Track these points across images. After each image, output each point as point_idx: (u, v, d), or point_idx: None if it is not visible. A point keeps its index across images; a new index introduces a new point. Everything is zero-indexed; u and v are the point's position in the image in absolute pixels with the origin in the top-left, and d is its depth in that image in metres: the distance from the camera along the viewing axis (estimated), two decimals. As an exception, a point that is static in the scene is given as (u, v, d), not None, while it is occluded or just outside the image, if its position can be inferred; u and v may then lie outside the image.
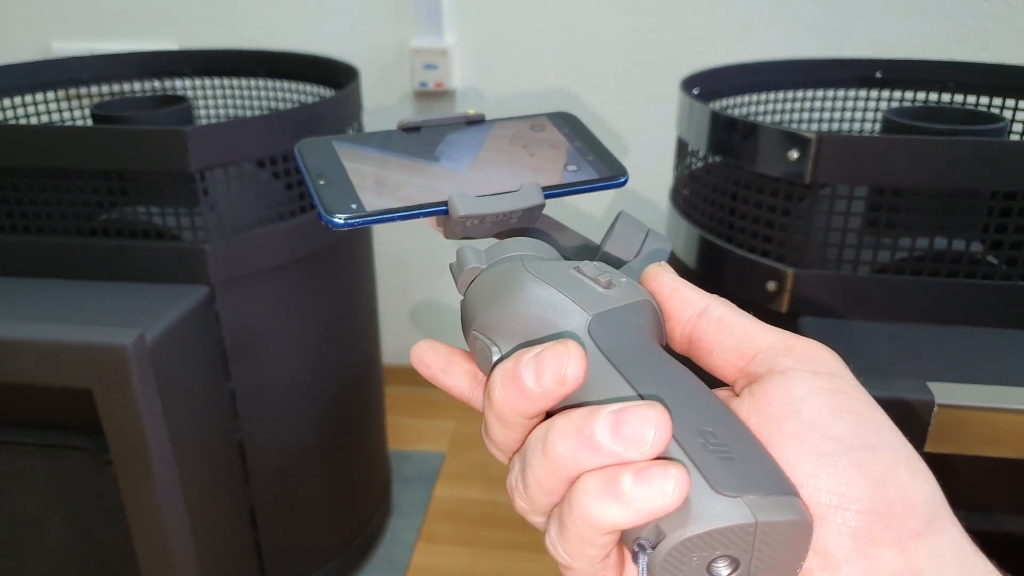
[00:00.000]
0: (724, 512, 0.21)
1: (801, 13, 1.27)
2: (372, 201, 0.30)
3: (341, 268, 1.04)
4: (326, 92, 1.15)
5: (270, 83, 1.22)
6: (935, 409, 0.57)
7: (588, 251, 0.33)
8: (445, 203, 0.30)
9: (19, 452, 0.82)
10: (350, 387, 1.12)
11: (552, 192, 0.31)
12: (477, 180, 0.31)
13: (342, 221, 0.29)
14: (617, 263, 0.31)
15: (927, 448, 0.57)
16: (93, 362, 0.71)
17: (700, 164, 0.89)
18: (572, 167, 0.33)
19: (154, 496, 0.76)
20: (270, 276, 0.92)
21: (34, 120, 1.16)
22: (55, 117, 1.19)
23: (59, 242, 0.87)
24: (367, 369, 1.16)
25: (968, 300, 0.71)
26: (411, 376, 1.63)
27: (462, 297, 0.30)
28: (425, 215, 0.30)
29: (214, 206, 0.86)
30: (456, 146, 0.33)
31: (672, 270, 0.29)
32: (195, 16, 1.41)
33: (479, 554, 1.23)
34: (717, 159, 0.84)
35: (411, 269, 1.55)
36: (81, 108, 1.20)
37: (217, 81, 1.24)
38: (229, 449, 0.93)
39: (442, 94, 1.40)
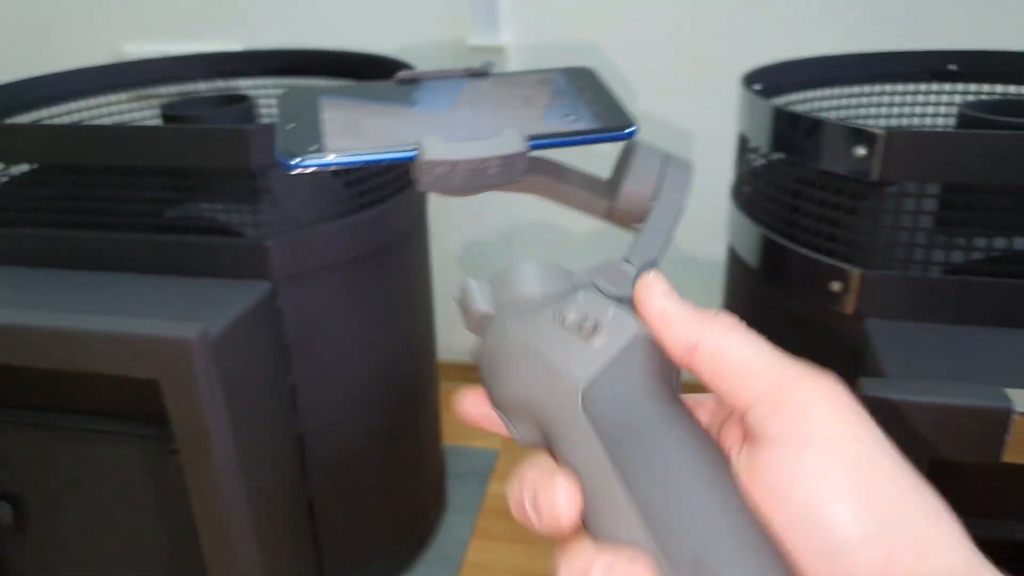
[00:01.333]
0: None
1: (871, 5, 1.23)
2: (335, 144, 0.27)
3: (399, 265, 1.05)
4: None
5: (330, 81, 1.24)
6: (1013, 417, 0.54)
7: (602, 188, 0.30)
8: (414, 147, 0.27)
9: (90, 439, 0.85)
10: (406, 382, 1.13)
11: (539, 142, 0.28)
12: (454, 125, 0.28)
13: (295, 163, 0.26)
14: (637, 202, 0.29)
15: (1005, 459, 0.55)
16: (159, 354, 0.73)
17: (762, 161, 0.87)
18: (570, 116, 0.29)
19: (217, 485, 0.78)
20: (330, 272, 0.93)
21: (106, 120, 1.21)
22: (126, 117, 1.23)
23: (127, 238, 0.90)
24: (423, 365, 1.17)
25: (1047, 303, 0.68)
26: (465, 372, 1.64)
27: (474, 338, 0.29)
28: (393, 160, 0.27)
29: (276, 203, 0.88)
30: (442, 92, 0.31)
31: (662, 286, 0.27)
32: (259, 17, 1.44)
33: (533, 553, 1.23)
34: (779, 156, 0.82)
35: (465, 267, 1.56)
36: (151, 108, 1.24)
37: (279, 80, 1.27)
38: (289, 441, 0.95)
39: (499, 91, 1.40)
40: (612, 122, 0.29)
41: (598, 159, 0.35)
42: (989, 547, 0.22)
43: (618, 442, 0.23)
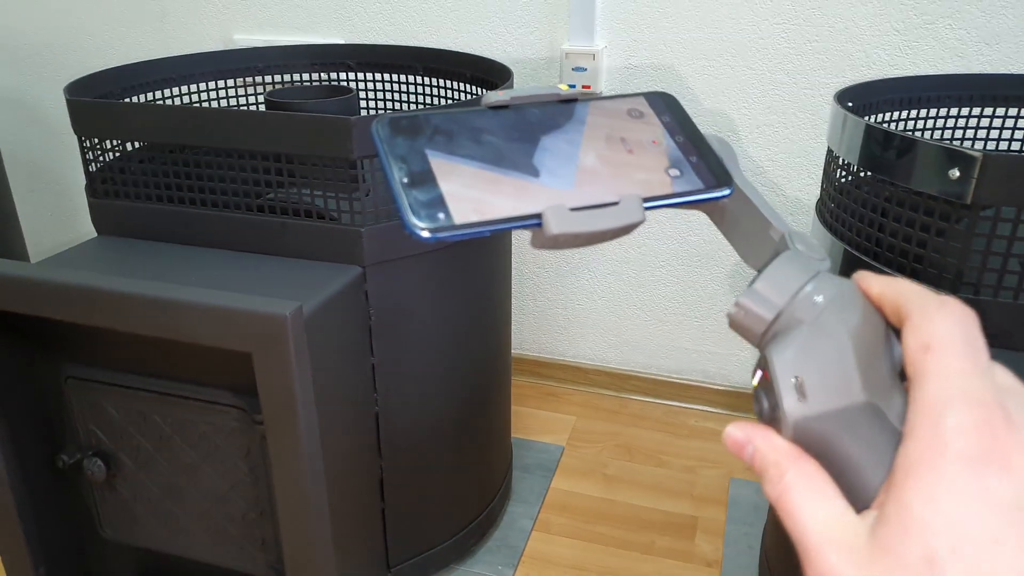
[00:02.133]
0: None
1: (976, 25, 1.20)
2: (461, 212, 0.26)
3: (481, 258, 1.08)
4: (481, 91, 1.20)
5: (427, 79, 1.28)
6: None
7: (746, 244, 0.31)
8: (538, 216, 0.27)
9: (182, 406, 0.91)
10: (481, 372, 1.16)
11: (653, 205, 0.29)
12: (571, 187, 0.29)
13: (429, 235, 0.26)
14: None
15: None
16: (255, 328, 0.78)
17: (849, 178, 0.86)
18: (674, 171, 0.30)
19: (298, 456, 0.82)
20: (417, 261, 0.97)
21: (215, 104, 1.27)
22: (233, 102, 1.30)
23: (230, 216, 0.95)
24: (497, 356, 1.20)
25: None
26: (536, 368, 1.67)
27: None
28: (516, 228, 0.27)
29: (371, 192, 0.92)
30: (551, 140, 0.30)
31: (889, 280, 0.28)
32: (362, 12, 1.49)
33: (592, 549, 1.24)
34: (868, 174, 0.81)
35: (543, 266, 1.58)
36: (255, 95, 1.30)
37: (378, 75, 1.32)
38: (366, 420, 0.99)
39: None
40: (712, 181, 0.30)
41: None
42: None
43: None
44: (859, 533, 0.24)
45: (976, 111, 1.02)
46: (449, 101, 1.26)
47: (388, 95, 1.33)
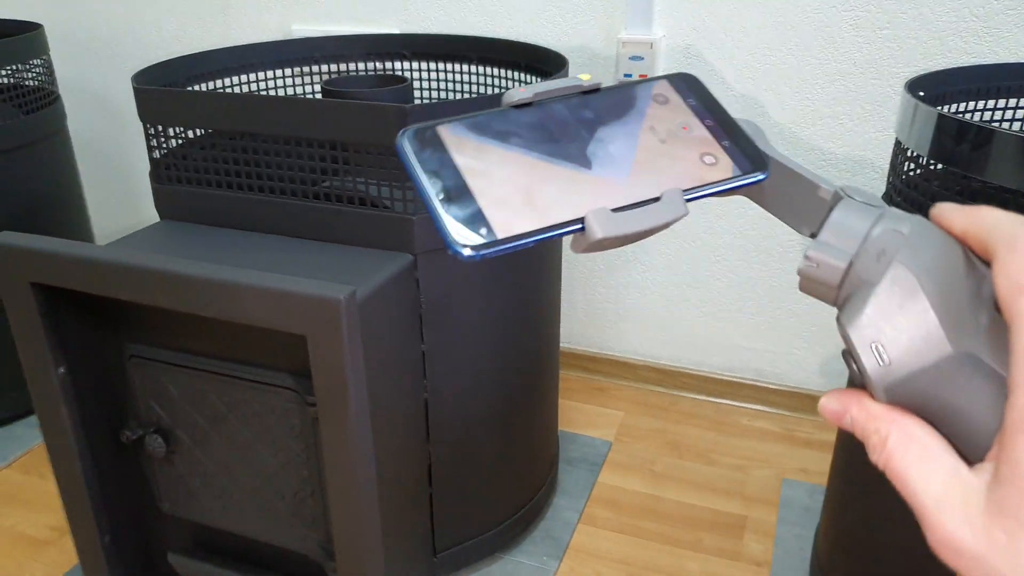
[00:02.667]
0: None
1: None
2: (502, 225, 0.26)
3: (531, 251, 1.07)
4: (536, 79, 1.19)
5: (483, 68, 1.28)
6: None
7: (795, 211, 0.30)
8: (580, 220, 0.26)
9: (238, 386, 0.93)
10: (529, 364, 1.15)
11: (694, 196, 0.28)
12: (609, 184, 0.28)
13: (472, 254, 0.25)
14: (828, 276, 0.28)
15: None
16: (311, 311, 0.79)
17: (918, 172, 0.83)
18: (709, 158, 0.29)
19: (349, 438, 0.83)
20: (468, 249, 0.97)
21: (274, 93, 1.30)
22: (291, 92, 1.32)
23: (287, 203, 0.97)
24: (545, 348, 1.19)
25: None
26: (584, 362, 1.66)
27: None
28: (560, 235, 0.26)
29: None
30: (581, 136, 0.29)
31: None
32: (417, 2, 1.50)
33: (638, 544, 1.23)
34: (939, 167, 0.79)
35: (594, 259, 1.57)
36: (312, 84, 1.32)
37: (433, 65, 1.32)
38: (416, 406, 1.00)
39: (644, 86, 1.40)
40: (749, 166, 0.29)
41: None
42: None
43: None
44: (975, 493, 0.23)
45: (1053, 103, 0.97)
46: (503, 91, 1.25)
47: (443, 84, 1.33)
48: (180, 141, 1.04)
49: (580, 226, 0.26)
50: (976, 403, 0.24)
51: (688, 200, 0.28)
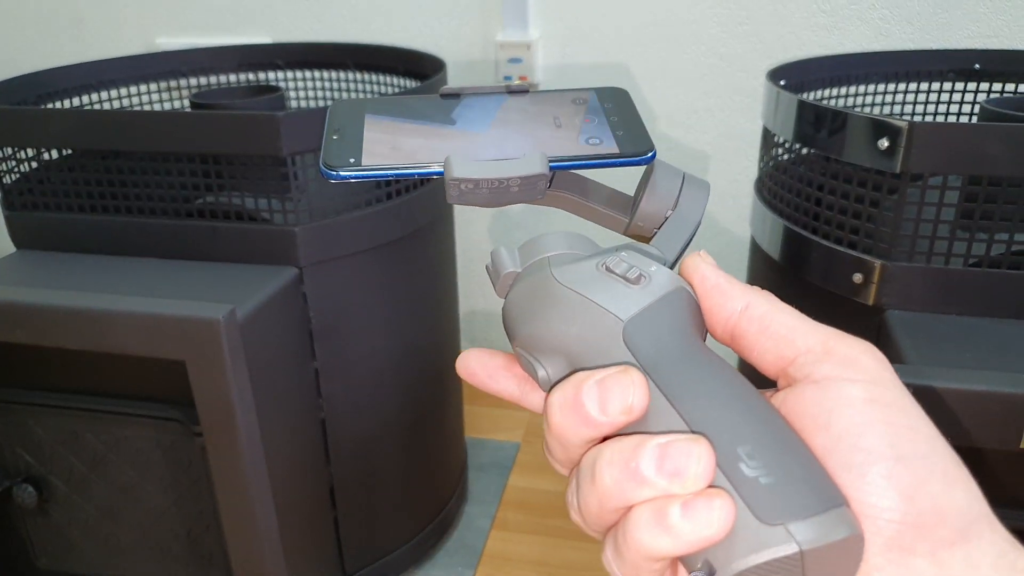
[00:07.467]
0: (769, 542, 0.21)
1: (898, 4, 1.23)
2: (371, 158, 0.29)
3: (424, 254, 1.06)
4: (413, 84, 1.18)
5: (359, 75, 1.26)
6: (1032, 403, 0.54)
7: (623, 205, 0.32)
8: (441, 165, 0.29)
9: (116, 422, 0.87)
10: (430, 372, 1.14)
11: (561, 163, 0.29)
12: (483, 145, 0.30)
13: (334, 173, 0.29)
14: (655, 218, 0.31)
15: None
16: (187, 334, 0.75)
17: (786, 156, 0.87)
18: (595, 140, 0.31)
19: (240, 467, 0.79)
20: (356, 260, 0.94)
21: (139, 109, 1.23)
22: (157, 107, 1.26)
23: (159, 223, 0.91)
24: (446, 355, 1.18)
25: (1072, 298, 0.68)
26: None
27: (502, 302, 0.30)
28: (422, 175, 0.29)
29: (304, 191, 0.89)
30: (478, 111, 0.32)
31: (711, 261, 0.29)
32: (289, 10, 1.46)
33: (552, 544, 1.23)
34: (803, 150, 0.82)
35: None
36: (181, 99, 1.26)
37: (308, 73, 1.29)
38: (312, 426, 0.97)
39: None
40: (632, 147, 0.30)
41: (627, 176, 0.36)
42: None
43: (656, 367, 0.25)
44: None
45: (901, 87, 1.04)
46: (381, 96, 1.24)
47: (320, 92, 1.30)
48: (34, 164, 0.97)
49: (440, 170, 0.29)
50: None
51: (556, 167, 0.29)
